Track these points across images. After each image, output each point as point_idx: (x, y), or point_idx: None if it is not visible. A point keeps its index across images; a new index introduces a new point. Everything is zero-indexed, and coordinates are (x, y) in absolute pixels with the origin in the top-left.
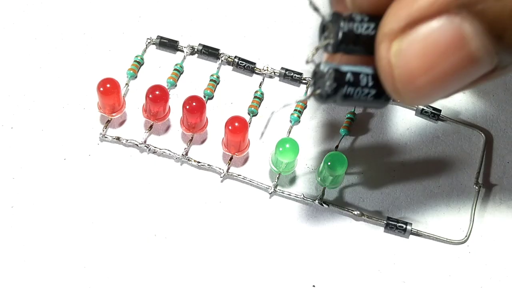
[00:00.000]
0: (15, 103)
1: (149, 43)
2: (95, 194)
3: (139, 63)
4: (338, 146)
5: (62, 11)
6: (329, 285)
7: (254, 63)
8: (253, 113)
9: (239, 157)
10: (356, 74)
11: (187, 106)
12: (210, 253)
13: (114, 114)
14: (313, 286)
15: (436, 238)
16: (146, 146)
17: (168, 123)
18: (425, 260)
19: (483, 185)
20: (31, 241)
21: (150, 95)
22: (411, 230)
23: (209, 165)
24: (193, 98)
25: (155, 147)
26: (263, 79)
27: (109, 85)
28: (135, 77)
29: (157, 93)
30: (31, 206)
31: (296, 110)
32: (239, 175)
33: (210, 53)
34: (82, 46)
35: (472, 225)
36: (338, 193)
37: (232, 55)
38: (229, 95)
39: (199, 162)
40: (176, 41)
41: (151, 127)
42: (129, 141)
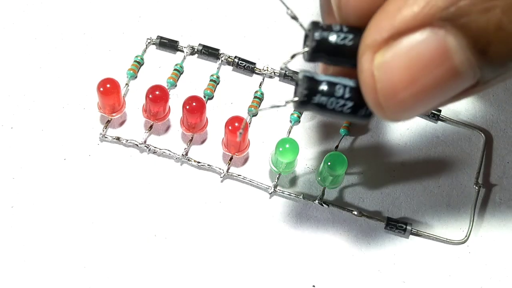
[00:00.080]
0: (15, 103)
1: (149, 43)
2: (95, 194)
3: (139, 63)
4: (338, 146)
5: (62, 11)
6: (329, 285)
7: (254, 63)
8: (253, 113)
9: (239, 157)
10: (332, 84)
11: (187, 106)
12: (210, 253)
13: (114, 114)
14: (313, 286)
15: (436, 238)
16: (146, 146)
17: (168, 123)
18: (425, 260)
19: (483, 185)
20: (31, 241)
21: (150, 95)
22: (411, 230)
23: (209, 165)
24: (193, 98)
25: (155, 147)
26: (263, 79)
27: (109, 85)
28: (135, 77)
29: (157, 93)
30: (31, 206)
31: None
32: (239, 175)
33: (210, 53)
34: (82, 46)
35: (472, 225)
36: (338, 193)
37: (232, 55)
38: (229, 95)
39: (199, 162)
40: (176, 41)
41: (151, 127)
42: (129, 141)
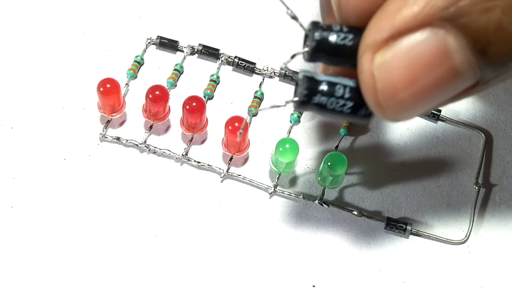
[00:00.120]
0: (15, 103)
1: (149, 43)
2: (95, 194)
3: (139, 63)
4: (338, 146)
5: (62, 11)
6: (329, 285)
7: (254, 63)
8: (253, 113)
9: (239, 157)
10: (332, 84)
11: (187, 106)
12: (210, 253)
13: (114, 114)
14: (313, 286)
15: (436, 238)
16: (146, 146)
17: (168, 123)
18: (425, 260)
19: (483, 185)
20: (31, 241)
21: (150, 95)
22: (411, 230)
23: (209, 165)
24: (193, 98)
25: (155, 147)
26: (263, 79)
27: (109, 85)
28: (135, 77)
29: (157, 93)
30: (31, 206)
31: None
32: (239, 175)
33: (210, 53)
34: (82, 46)
35: (472, 225)
36: (338, 193)
37: (232, 55)
38: (229, 95)
39: (199, 162)
40: (176, 41)
41: (151, 127)
42: (129, 141)
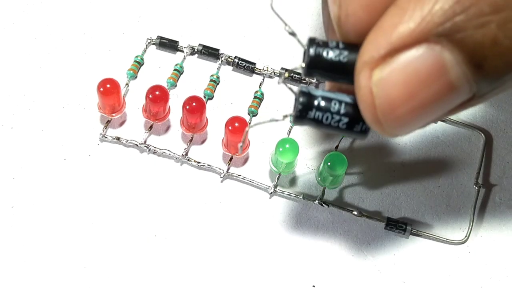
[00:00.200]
0: (15, 103)
1: (149, 43)
2: (95, 195)
3: (139, 63)
4: (338, 146)
5: (62, 11)
6: (329, 285)
7: (254, 63)
8: (253, 113)
9: (239, 157)
10: (328, 99)
11: (187, 106)
12: (210, 253)
13: (114, 114)
14: (313, 286)
15: (436, 238)
16: (146, 146)
17: (168, 123)
18: (425, 260)
19: (483, 185)
20: (31, 241)
21: (150, 95)
22: (411, 230)
23: (209, 165)
24: (193, 98)
25: (155, 147)
26: (263, 79)
27: (109, 85)
28: (135, 77)
29: (157, 93)
30: (31, 206)
31: None
32: (239, 175)
33: (210, 53)
34: (82, 46)
35: (472, 225)
36: (338, 193)
37: (232, 55)
38: (229, 95)
39: (199, 162)
40: (176, 41)
41: (151, 127)
42: (129, 141)
